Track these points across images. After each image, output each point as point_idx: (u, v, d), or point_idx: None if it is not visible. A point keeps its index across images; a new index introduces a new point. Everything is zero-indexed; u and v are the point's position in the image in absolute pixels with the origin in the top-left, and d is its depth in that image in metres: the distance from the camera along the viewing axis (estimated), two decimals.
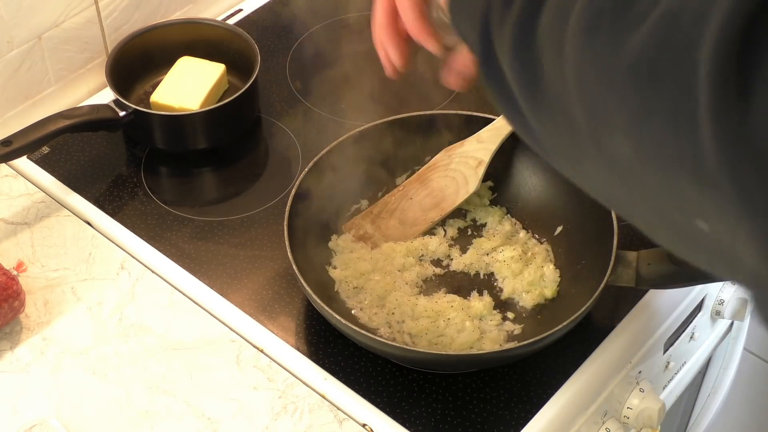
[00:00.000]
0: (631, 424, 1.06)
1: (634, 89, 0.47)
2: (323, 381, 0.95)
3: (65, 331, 0.98)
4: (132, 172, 1.17)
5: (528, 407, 0.94)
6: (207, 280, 1.04)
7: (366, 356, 0.97)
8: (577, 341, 0.97)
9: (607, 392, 1.00)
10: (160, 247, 1.07)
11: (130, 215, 1.11)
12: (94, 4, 1.21)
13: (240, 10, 1.38)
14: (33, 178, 1.15)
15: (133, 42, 1.22)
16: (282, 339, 0.98)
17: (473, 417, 0.93)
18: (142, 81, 1.25)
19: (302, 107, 1.25)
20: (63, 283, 1.02)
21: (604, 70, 0.49)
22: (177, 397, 0.93)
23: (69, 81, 1.24)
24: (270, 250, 1.07)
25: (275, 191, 1.14)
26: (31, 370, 0.95)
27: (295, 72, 1.30)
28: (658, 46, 0.46)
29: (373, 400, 0.93)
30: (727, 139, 0.42)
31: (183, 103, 1.16)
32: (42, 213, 1.09)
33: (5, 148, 1.05)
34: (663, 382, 1.17)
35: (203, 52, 1.23)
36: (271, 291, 1.03)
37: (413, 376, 0.96)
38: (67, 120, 1.09)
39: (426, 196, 1.09)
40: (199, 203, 1.14)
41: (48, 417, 0.91)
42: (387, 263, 1.04)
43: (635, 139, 0.48)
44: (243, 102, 1.17)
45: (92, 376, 0.95)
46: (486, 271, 1.05)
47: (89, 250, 1.06)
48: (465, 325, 0.98)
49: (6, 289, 0.94)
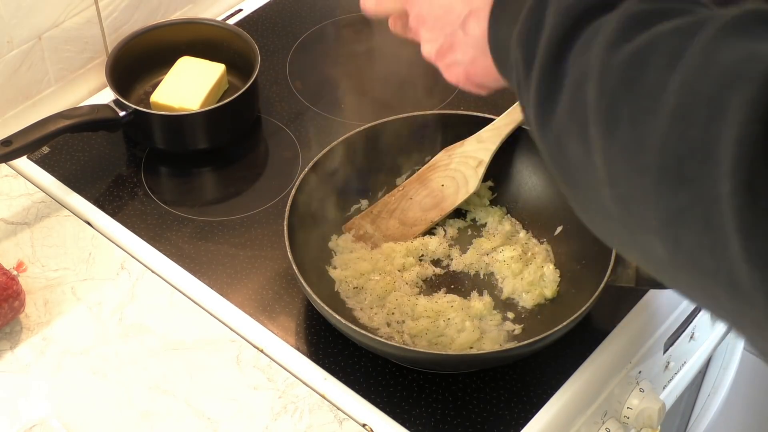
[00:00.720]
0: (631, 424, 1.06)
1: (665, 194, 0.45)
2: (323, 381, 0.95)
3: (65, 331, 0.98)
4: (132, 172, 1.17)
5: (528, 407, 0.94)
6: (207, 280, 1.04)
7: (366, 356, 0.97)
8: (577, 341, 0.97)
9: (607, 392, 1.00)
10: (160, 247, 1.07)
11: (130, 215, 1.11)
12: (94, 4, 1.21)
13: (240, 10, 1.38)
14: (33, 178, 1.15)
15: (133, 42, 1.22)
16: (282, 339, 0.98)
17: (473, 417, 0.93)
18: (142, 81, 1.25)
19: (302, 107, 1.25)
20: (63, 283, 1.02)
21: (632, 166, 0.47)
22: (177, 397, 0.93)
23: (69, 81, 1.24)
24: (270, 250, 1.07)
25: (275, 191, 1.14)
26: (31, 370, 0.95)
27: (295, 72, 1.30)
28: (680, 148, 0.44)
29: (373, 400, 0.93)
30: (759, 259, 0.40)
31: (183, 103, 1.16)
32: (42, 213, 1.09)
33: (5, 148, 1.05)
34: (663, 382, 1.17)
35: (203, 52, 1.23)
36: (271, 291, 1.03)
37: (413, 376, 0.96)
38: (67, 120, 1.09)
39: (426, 196, 1.09)
40: (199, 203, 1.14)
41: (48, 417, 0.91)
42: (387, 263, 1.04)
43: (671, 245, 0.46)
44: (243, 102, 1.17)
45: (92, 376, 0.95)
46: (486, 271, 1.05)
47: (89, 250, 1.06)
48: (465, 325, 0.98)
49: (6, 289, 0.94)
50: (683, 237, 0.44)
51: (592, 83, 0.50)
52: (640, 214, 0.47)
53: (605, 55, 0.50)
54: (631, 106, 0.47)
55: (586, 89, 0.50)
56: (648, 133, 0.45)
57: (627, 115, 0.47)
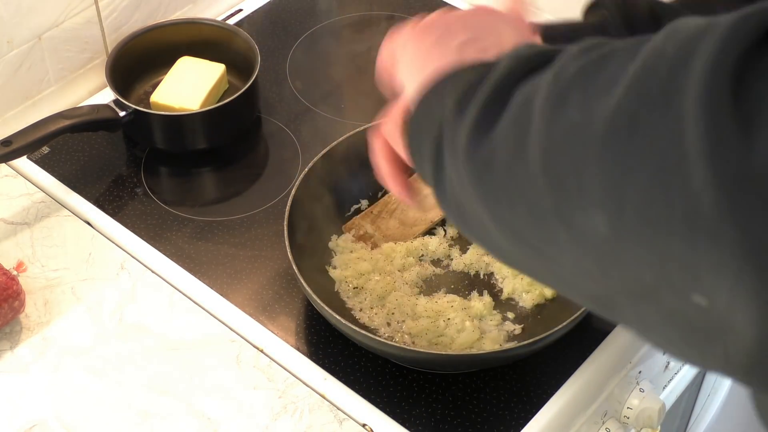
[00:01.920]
0: (631, 424, 1.06)
1: (612, 153, 0.44)
2: (323, 381, 0.95)
3: (65, 331, 0.98)
4: (132, 172, 1.17)
5: (528, 407, 0.94)
6: (207, 280, 1.04)
7: (366, 356, 0.97)
8: (577, 341, 0.97)
9: (607, 392, 1.00)
10: (160, 247, 1.07)
11: (130, 215, 1.11)
12: (94, 4, 1.21)
13: (240, 10, 1.38)
14: (33, 178, 1.15)
15: (133, 42, 1.22)
16: (282, 339, 0.98)
17: (473, 417, 0.93)
18: (142, 81, 1.25)
19: (302, 107, 1.25)
20: (63, 283, 1.02)
21: (574, 143, 0.47)
22: (177, 397, 0.93)
23: (69, 81, 1.24)
24: (270, 250, 1.07)
25: (275, 191, 1.14)
26: (31, 370, 0.95)
27: (295, 72, 1.30)
28: (635, 104, 0.44)
29: (373, 400, 0.93)
30: (727, 178, 0.40)
31: (183, 103, 1.16)
32: (42, 213, 1.09)
33: (5, 148, 1.05)
34: (663, 382, 1.17)
35: (203, 52, 1.23)
36: (271, 291, 1.03)
37: (413, 376, 0.96)
38: (67, 120, 1.09)
39: (426, 197, 1.09)
40: (199, 203, 1.14)
41: (48, 417, 0.91)
42: (387, 263, 1.04)
43: (614, 211, 0.45)
44: (243, 102, 1.17)
45: (92, 376, 0.95)
46: (486, 271, 1.05)
47: (89, 250, 1.06)
48: (465, 325, 0.98)
49: (6, 289, 0.94)
50: (630, 191, 0.44)
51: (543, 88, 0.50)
52: (578, 188, 0.47)
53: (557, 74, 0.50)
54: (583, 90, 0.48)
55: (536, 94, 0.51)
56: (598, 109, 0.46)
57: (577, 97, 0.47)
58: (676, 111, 0.42)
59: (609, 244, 0.46)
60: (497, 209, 0.54)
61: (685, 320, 0.45)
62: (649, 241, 0.44)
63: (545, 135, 0.49)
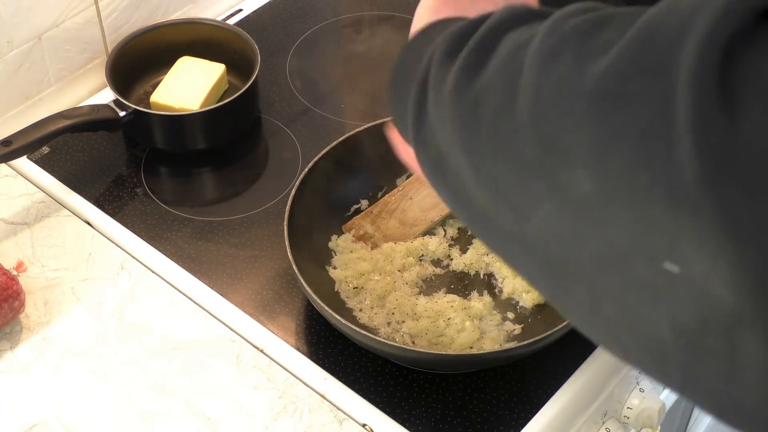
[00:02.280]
0: (631, 424, 1.06)
1: (600, 115, 0.44)
2: (323, 381, 0.95)
3: (65, 331, 0.98)
4: (132, 172, 1.17)
5: (528, 407, 0.94)
6: (207, 280, 1.04)
7: (366, 356, 0.97)
8: (577, 341, 0.97)
9: (607, 392, 1.00)
10: (160, 247, 1.07)
11: (130, 215, 1.11)
12: (94, 4, 1.21)
13: (240, 10, 1.39)
14: (33, 178, 1.15)
15: (133, 42, 1.22)
16: (282, 339, 0.98)
17: (473, 417, 0.93)
18: (142, 81, 1.25)
19: (302, 107, 1.25)
20: (63, 283, 1.02)
21: (564, 98, 0.46)
22: (177, 397, 0.93)
23: (69, 81, 1.24)
24: (270, 250, 1.07)
25: (275, 191, 1.14)
26: (31, 370, 0.95)
27: (295, 72, 1.30)
28: (629, 69, 0.44)
29: (373, 400, 0.93)
30: (711, 153, 0.40)
31: (183, 103, 1.16)
32: (42, 213, 1.09)
33: (5, 148, 1.05)
34: None
35: (203, 52, 1.23)
36: (271, 291, 1.03)
37: (413, 376, 0.96)
38: (67, 120, 1.09)
39: (426, 196, 1.09)
40: (199, 203, 1.14)
41: (48, 417, 0.91)
42: (387, 263, 1.04)
43: (599, 171, 0.44)
44: (243, 102, 1.17)
45: (92, 376, 0.95)
46: (486, 271, 1.05)
47: (89, 250, 1.06)
48: (465, 325, 0.98)
49: (6, 289, 0.94)
50: (616, 155, 0.44)
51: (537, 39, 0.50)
52: (564, 147, 0.46)
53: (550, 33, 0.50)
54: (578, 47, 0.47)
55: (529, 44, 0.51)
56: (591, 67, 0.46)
57: (571, 53, 0.47)
58: (668, 80, 0.42)
59: (590, 204, 0.45)
60: (477, 158, 0.53)
61: (650, 288, 0.45)
62: (631, 205, 0.43)
63: (534, 86, 0.48)
